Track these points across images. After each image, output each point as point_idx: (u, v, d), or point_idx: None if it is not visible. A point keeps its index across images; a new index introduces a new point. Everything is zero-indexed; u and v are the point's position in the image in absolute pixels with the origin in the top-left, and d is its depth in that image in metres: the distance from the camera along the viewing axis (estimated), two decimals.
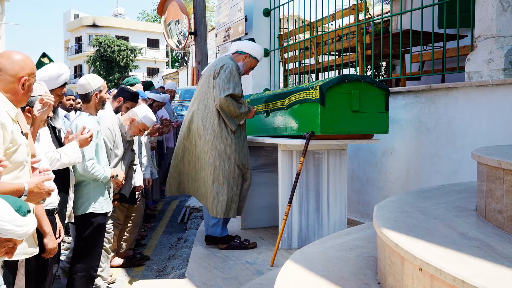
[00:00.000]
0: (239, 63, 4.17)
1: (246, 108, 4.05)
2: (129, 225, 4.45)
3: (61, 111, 4.15)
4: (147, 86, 6.58)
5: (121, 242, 4.43)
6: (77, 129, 3.12)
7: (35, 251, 2.08)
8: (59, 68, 2.94)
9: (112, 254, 4.23)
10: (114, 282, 3.98)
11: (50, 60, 3.09)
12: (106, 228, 3.56)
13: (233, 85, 3.94)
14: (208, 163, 4.00)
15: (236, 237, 4.20)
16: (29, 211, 1.63)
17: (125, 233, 4.45)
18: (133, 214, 4.45)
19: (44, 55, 3.12)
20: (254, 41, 4.42)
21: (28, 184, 1.88)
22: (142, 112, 3.78)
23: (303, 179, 3.95)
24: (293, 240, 3.98)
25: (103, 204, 3.26)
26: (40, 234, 2.38)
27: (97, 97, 3.28)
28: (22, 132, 2.01)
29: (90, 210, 3.19)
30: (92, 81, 3.30)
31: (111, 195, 3.49)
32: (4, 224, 1.55)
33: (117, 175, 3.42)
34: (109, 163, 3.53)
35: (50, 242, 2.45)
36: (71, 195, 2.98)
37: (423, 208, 2.38)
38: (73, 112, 4.91)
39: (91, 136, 2.98)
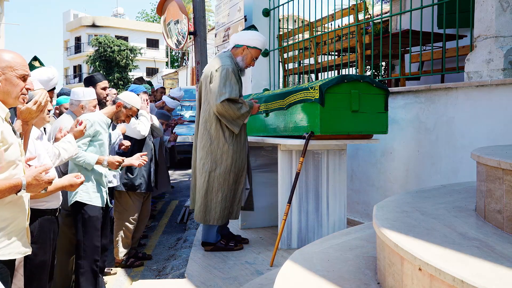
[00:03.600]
0: (238, 57, 3.97)
1: (247, 106, 3.89)
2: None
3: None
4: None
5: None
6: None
7: (28, 251, 2.11)
8: (50, 72, 3.01)
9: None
10: (115, 273, 4.05)
11: (41, 64, 3.13)
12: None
13: (229, 89, 3.75)
14: (202, 169, 3.91)
15: (236, 236, 4.20)
16: None
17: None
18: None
19: (35, 58, 3.15)
20: (255, 28, 4.16)
21: (25, 177, 1.93)
22: (126, 97, 3.66)
23: (302, 179, 3.95)
24: (292, 240, 3.98)
25: (91, 196, 3.24)
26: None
27: (118, 107, 3.50)
28: (15, 132, 2.02)
29: (77, 198, 3.19)
30: (130, 99, 3.60)
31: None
32: None
33: (106, 161, 3.33)
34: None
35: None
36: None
37: (423, 208, 2.38)
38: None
39: (85, 126, 3.09)
